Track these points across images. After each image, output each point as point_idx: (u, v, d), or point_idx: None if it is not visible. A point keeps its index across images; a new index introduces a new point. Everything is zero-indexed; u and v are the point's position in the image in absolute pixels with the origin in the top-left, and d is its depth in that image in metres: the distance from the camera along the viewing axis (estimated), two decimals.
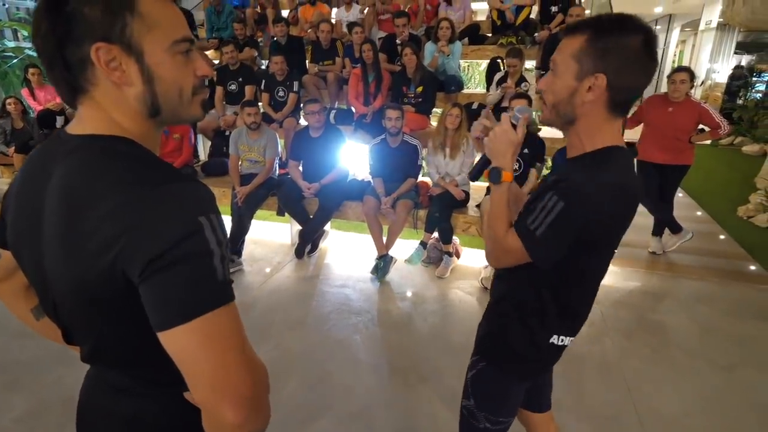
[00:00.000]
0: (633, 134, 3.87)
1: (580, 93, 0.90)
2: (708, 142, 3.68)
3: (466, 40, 5.03)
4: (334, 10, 5.88)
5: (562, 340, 1.06)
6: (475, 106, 4.31)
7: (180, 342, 0.57)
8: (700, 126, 3.45)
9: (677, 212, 3.74)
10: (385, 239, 3.46)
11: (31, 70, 5.26)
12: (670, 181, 3.62)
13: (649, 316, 2.93)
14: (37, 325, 0.89)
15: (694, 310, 3.00)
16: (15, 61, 6.89)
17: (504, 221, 1.00)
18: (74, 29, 0.59)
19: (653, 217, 3.78)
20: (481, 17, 5.75)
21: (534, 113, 3.56)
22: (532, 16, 5.15)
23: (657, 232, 3.80)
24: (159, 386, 0.74)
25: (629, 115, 3.69)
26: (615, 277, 3.42)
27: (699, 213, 4.88)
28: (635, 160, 3.67)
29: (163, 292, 0.56)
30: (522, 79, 4.00)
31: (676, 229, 3.71)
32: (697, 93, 8.20)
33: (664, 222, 3.74)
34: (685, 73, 3.36)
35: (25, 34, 7.37)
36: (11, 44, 7.49)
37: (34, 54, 7.46)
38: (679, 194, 5.26)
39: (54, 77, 0.64)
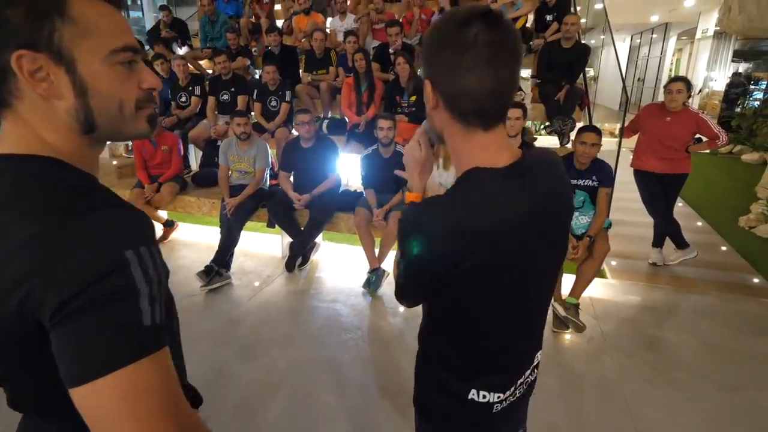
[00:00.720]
0: (630, 142, 3.81)
1: (429, 103, 0.77)
2: (706, 151, 3.61)
3: None
4: (329, 20, 5.84)
5: (485, 397, 0.86)
6: None
7: (92, 401, 0.48)
8: (697, 135, 3.39)
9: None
10: (377, 252, 3.37)
11: None
12: (670, 191, 3.55)
13: (650, 333, 2.82)
14: None
15: (696, 326, 2.90)
16: None
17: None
18: None
19: (653, 227, 3.69)
20: None
21: (530, 123, 3.49)
22: (528, 24, 5.12)
23: (658, 242, 3.71)
24: None
25: (626, 124, 3.63)
26: (614, 291, 3.32)
27: (699, 223, 4.79)
28: (633, 169, 3.60)
29: (75, 340, 0.48)
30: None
31: (682, 244, 3.61)
32: (694, 102, 8.17)
33: (669, 234, 3.64)
34: (681, 82, 3.31)
35: None
36: None
37: None
38: (679, 203, 5.17)
39: None
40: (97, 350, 0.48)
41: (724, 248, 4.13)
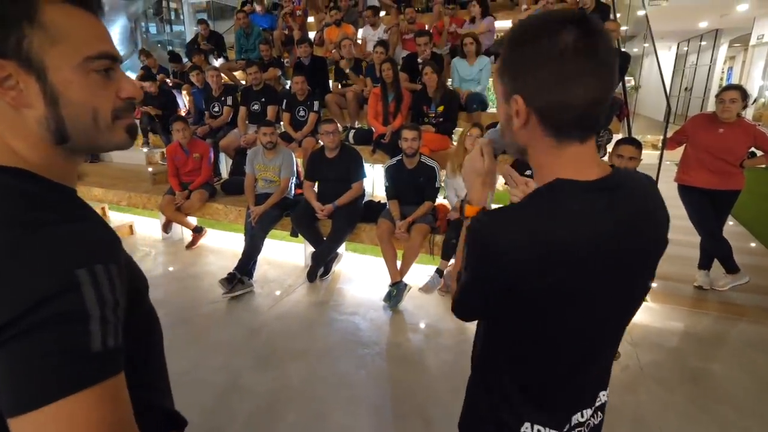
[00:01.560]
0: (674, 155, 3.56)
1: (512, 118, 0.71)
2: (762, 166, 3.31)
3: (492, 57, 4.85)
4: (360, 31, 5.86)
5: (538, 429, 0.80)
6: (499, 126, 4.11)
7: None
8: (752, 149, 3.12)
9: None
10: (399, 265, 3.28)
11: None
12: (719, 208, 3.26)
13: (694, 364, 2.57)
14: None
15: (747, 359, 2.62)
16: None
17: (458, 263, 0.84)
18: None
19: (700, 248, 3.41)
20: None
21: None
22: None
23: (705, 264, 3.41)
24: None
25: (670, 135, 3.39)
26: (653, 316, 3.08)
27: (753, 244, 4.41)
28: (678, 185, 3.35)
29: (14, 365, 0.44)
30: None
31: (733, 268, 3.30)
32: (749, 113, 7.64)
33: (718, 256, 3.35)
34: (735, 91, 3.05)
35: None
36: None
37: None
38: (730, 222, 4.80)
39: None
40: (36, 378, 0.44)
41: None
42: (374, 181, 4.93)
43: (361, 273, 3.83)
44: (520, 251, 0.66)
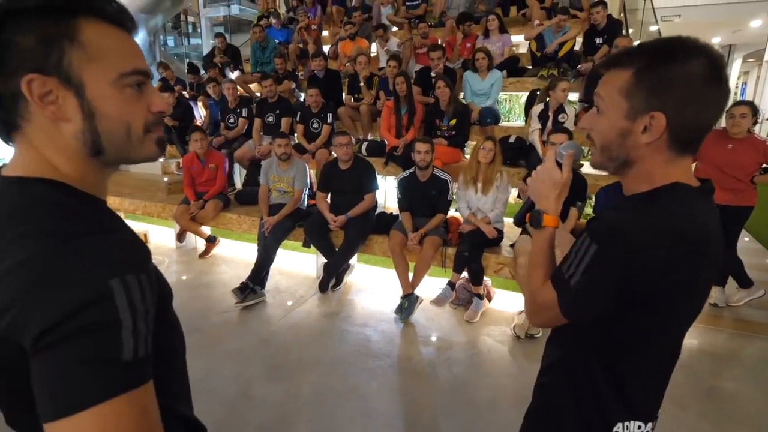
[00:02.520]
0: None
1: (634, 134, 0.75)
2: None
3: (505, 72, 4.90)
4: (373, 45, 5.95)
5: (627, 428, 0.83)
6: (512, 139, 4.13)
7: None
8: (765, 165, 3.10)
9: (743, 260, 3.31)
10: (411, 277, 3.29)
11: None
12: (731, 225, 3.23)
13: (710, 382, 2.53)
14: None
15: (763, 377, 2.57)
16: None
17: (542, 272, 0.86)
18: (7, 60, 0.53)
19: None
20: (522, 50, 5.64)
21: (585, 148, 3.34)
22: (575, 48, 4.97)
23: (719, 281, 3.37)
24: None
25: None
26: None
27: None
28: None
29: (50, 372, 0.46)
30: (561, 110, 3.80)
31: (746, 282, 3.27)
32: (763, 128, 7.56)
33: (730, 272, 3.31)
34: (745, 106, 3.05)
35: None
36: None
37: None
38: (745, 238, 4.74)
39: None
40: (70, 385, 0.46)
41: None
42: (386, 193, 4.96)
43: (372, 284, 3.84)
44: (658, 246, 0.71)
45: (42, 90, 0.54)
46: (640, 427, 0.84)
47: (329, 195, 3.74)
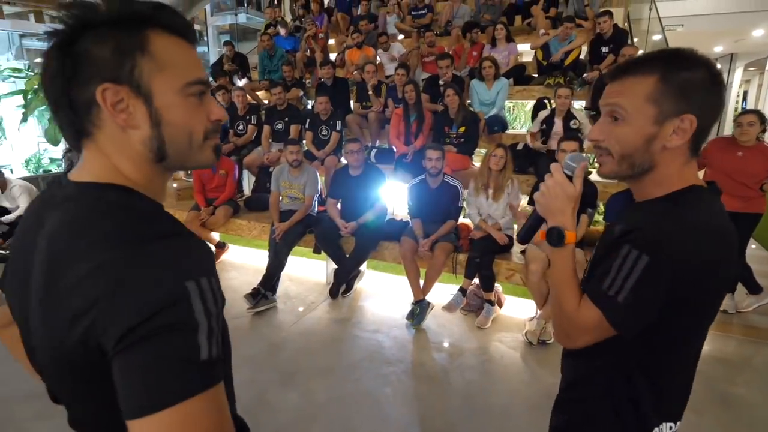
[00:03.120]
0: None
1: (661, 138, 0.78)
2: None
3: (511, 80, 4.95)
4: (379, 51, 6.01)
5: (662, 431, 0.85)
6: (520, 146, 4.17)
7: None
8: None
9: (752, 267, 3.33)
10: (422, 283, 3.31)
11: None
12: (741, 232, 3.24)
13: (723, 388, 2.54)
14: (37, 375, 0.84)
15: None
16: None
17: (575, 291, 0.83)
18: (82, 69, 0.56)
19: None
20: (528, 58, 5.70)
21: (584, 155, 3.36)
22: (581, 56, 5.03)
23: (729, 288, 3.40)
24: None
25: None
26: None
27: None
28: None
29: (133, 373, 0.48)
30: (571, 116, 3.84)
31: (755, 288, 3.29)
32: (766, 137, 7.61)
33: (739, 278, 3.33)
34: (753, 115, 3.10)
35: None
36: None
37: None
38: (752, 246, 4.76)
39: (59, 119, 0.60)
40: (153, 385, 0.47)
41: None
42: (395, 200, 4.99)
43: (382, 291, 3.86)
44: (702, 249, 0.74)
45: (115, 98, 0.56)
46: (671, 428, 0.86)
47: (339, 201, 3.76)
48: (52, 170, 7.65)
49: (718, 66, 0.81)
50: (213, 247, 4.40)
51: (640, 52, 5.37)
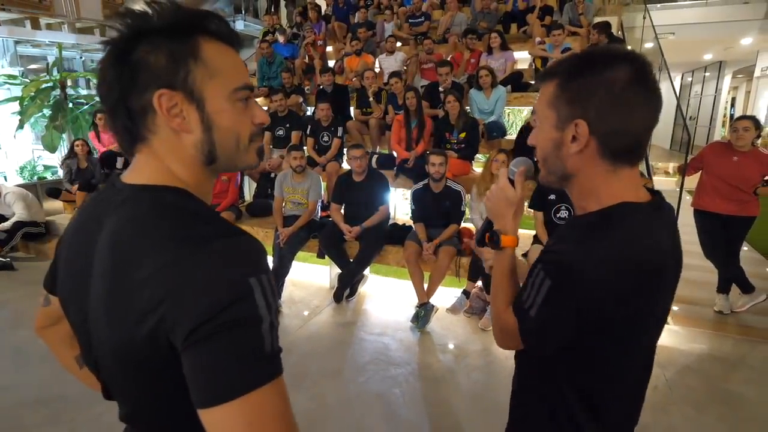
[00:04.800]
0: (691, 182, 3.67)
1: (566, 145, 0.75)
2: None
3: (509, 87, 5.05)
4: (379, 57, 6.09)
5: None
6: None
7: (219, 423, 0.51)
8: (767, 177, 3.23)
9: (744, 269, 3.42)
10: (426, 286, 3.36)
11: (99, 115, 5.69)
12: (734, 234, 3.36)
13: (722, 386, 2.61)
14: (79, 373, 0.87)
15: None
16: (86, 107, 7.53)
17: (506, 294, 0.84)
18: (139, 77, 0.59)
19: (718, 272, 3.49)
20: (524, 65, 5.81)
21: None
22: None
23: (723, 288, 3.48)
24: None
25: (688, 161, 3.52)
26: (678, 338, 3.12)
27: None
28: (693, 209, 3.45)
29: (204, 365, 0.51)
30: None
31: (748, 288, 3.39)
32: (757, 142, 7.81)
33: (733, 279, 3.43)
34: (748, 120, 3.20)
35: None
36: (84, 92, 8.22)
37: None
38: (744, 248, 4.87)
39: (115, 125, 0.63)
40: (224, 375, 0.50)
41: None
42: (396, 205, 5.05)
43: (385, 294, 3.90)
44: (612, 280, 0.69)
45: (170, 104, 0.59)
46: None
47: (343, 206, 3.81)
48: (47, 177, 7.60)
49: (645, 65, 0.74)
50: None
51: None
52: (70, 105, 7.24)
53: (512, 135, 5.13)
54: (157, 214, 0.59)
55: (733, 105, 13.86)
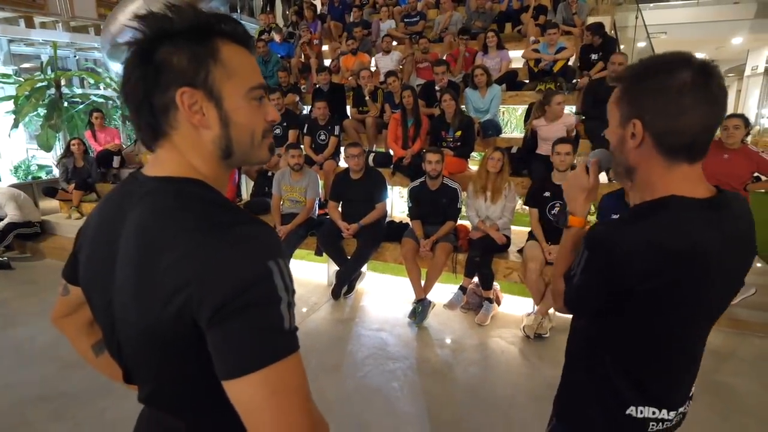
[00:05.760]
0: None
1: (627, 140, 0.85)
2: (764, 190, 3.50)
3: (503, 86, 5.10)
4: (375, 57, 6.12)
5: (642, 412, 0.90)
6: (514, 150, 4.30)
7: (244, 392, 0.56)
8: (756, 174, 3.31)
9: None
10: (423, 283, 3.40)
11: (95, 114, 5.69)
12: None
13: (714, 377, 2.68)
14: (95, 361, 0.90)
15: (760, 371, 2.73)
16: (81, 106, 7.51)
17: (563, 266, 0.98)
18: (162, 77, 0.63)
19: None
20: (519, 64, 5.87)
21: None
22: (570, 63, 5.20)
23: None
24: None
25: None
26: None
27: (759, 264, 4.55)
28: None
29: (230, 340, 0.56)
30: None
31: None
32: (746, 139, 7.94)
33: None
34: (738, 119, 3.27)
35: (92, 81, 8.05)
36: (79, 91, 8.19)
37: (99, 99, 8.11)
38: None
39: (139, 121, 0.67)
40: (248, 349, 0.55)
41: None
42: (392, 202, 5.09)
43: (382, 291, 3.94)
44: (638, 259, 0.79)
45: (191, 101, 0.63)
46: (654, 413, 0.91)
47: (340, 204, 3.84)
48: (42, 177, 7.57)
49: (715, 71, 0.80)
50: None
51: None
52: (66, 104, 7.21)
53: (507, 133, 5.20)
54: (180, 204, 0.63)
55: None
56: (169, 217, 0.62)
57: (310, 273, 4.25)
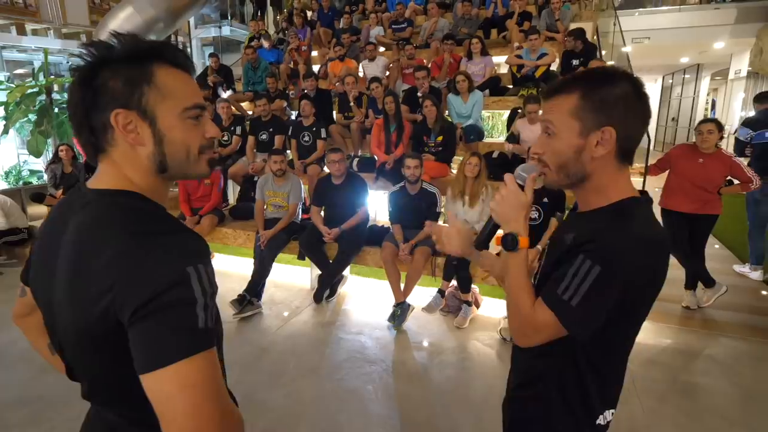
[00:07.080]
0: (658, 181, 3.81)
1: (588, 150, 0.86)
2: (739, 193, 3.57)
3: (487, 91, 5.17)
4: (362, 63, 6.19)
5: (605, 417, 0.95)
6: (495, 155, 4.36)
7: (157, 385, 0.61)
8: (729, 178, 3.38)
9: (713, 265, 3.56)
10: (402, 286, 3.44)
11: None
12: (699, 232, 3.50)
13: (684, 378, 2.73)
14: (51, 359, 0.96)
15: (734, 372, 2.78)
16: None
17: (529, 293, 0.89)
18: (100, 98, 0.69)
19: (685, 270, 3.62)
20: (505, 70, 5.95)
21: None
22: (554, 68, 5.28)
23: (690, 285, 3.62)
24: (144, 427, 0.76)
25: (654, 162, 3.65)
26: (645, 333, 3.24)
27: (736, 266, 4.62)
28: (660, 208, 3.59)
29: (147, 336, 0.61)
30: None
31: (709, 282, 3.53)
32: (729, 142, 8.02)
33: (695, 273, 3.57)
34: (711, 124, 3.34)
35: None
36: None
37: None
38: (716, 246, 5.03)
39: (81, 139, 0.73)
40: (163, 345, 0.60)
41: (764, 292, 3.96)
42: (377, 208, 5.13)
43: (364, 295, 3.98)
44: (647, 262, 0.83)
45: (125, 121, 0.69)
46: (612, 413, 0.97)
47: (323, 209, 3.89)
48: (33, 182, 7.59)
49: (641, 80, 0.90)
50: None
51: (610, 62, 5.68)
52: (56, 110, 7.24)
53: (490, 138, 5.26)
54: (113, 213, 0.70)
55: (713, 107, 14.17)
56: (100, 226, 0.68)
57: (292, 277, 4.29)
